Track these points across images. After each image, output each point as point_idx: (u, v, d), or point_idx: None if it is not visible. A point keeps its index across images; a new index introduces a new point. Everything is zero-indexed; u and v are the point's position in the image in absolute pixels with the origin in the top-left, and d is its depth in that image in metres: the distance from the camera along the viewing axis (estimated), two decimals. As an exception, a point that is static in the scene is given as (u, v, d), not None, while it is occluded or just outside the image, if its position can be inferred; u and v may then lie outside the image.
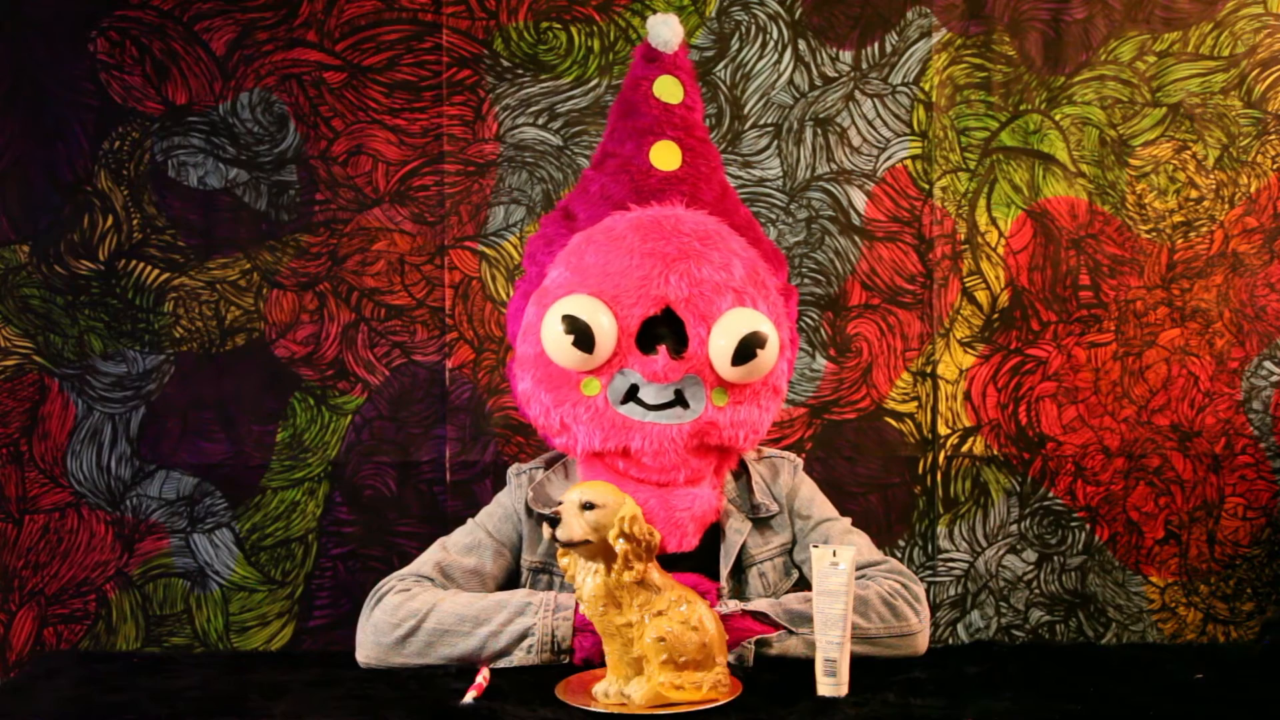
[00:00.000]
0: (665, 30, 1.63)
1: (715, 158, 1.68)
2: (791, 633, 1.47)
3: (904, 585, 1.55)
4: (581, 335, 1.51)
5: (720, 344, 1.53)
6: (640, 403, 1.55)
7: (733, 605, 1.50)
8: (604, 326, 1.52)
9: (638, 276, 1.52)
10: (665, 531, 1.56)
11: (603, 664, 1.34)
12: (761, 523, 1.66)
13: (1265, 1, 2.44)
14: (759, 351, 1.54)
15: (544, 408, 1.60)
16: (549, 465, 1.72)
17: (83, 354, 2.41)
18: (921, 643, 1.52)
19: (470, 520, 1.72)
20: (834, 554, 1.34)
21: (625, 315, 1.52)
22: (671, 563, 1.46)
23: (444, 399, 2.44)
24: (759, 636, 1.47)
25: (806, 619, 1.46)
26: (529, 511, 1.65)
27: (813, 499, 1.72)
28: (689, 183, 1.60)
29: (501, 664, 1.47)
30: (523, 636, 1.47)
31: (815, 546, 1.37)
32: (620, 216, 1.58)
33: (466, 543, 1.67)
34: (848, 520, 1.71)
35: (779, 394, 1.64)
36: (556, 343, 1.54)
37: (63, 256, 2.41)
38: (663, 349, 1.53)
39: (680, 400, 1.56)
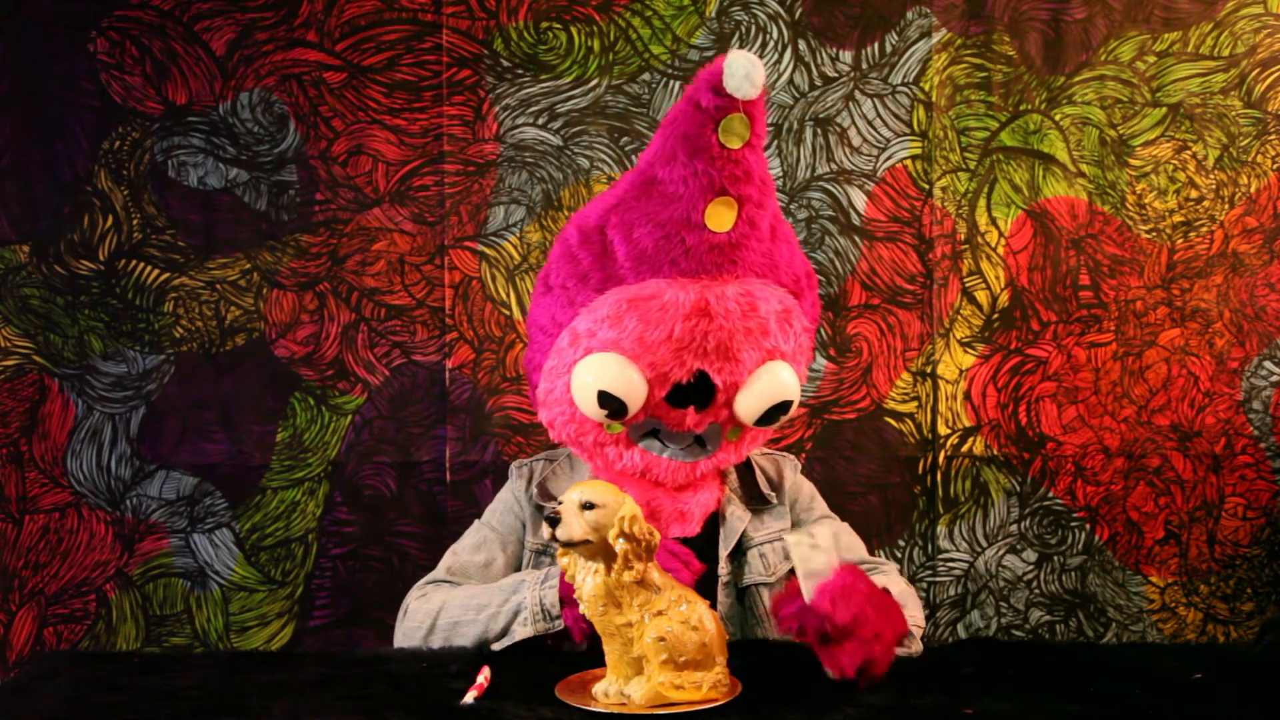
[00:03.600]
0: (746, 85, 1.45)
1: (769, 193, 1.59)
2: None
3: (907, 584, 1.69)
4: (616, 411, 1.55)
5: (748, 410, 1.57)
6: (660, 441, 1.60)
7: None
8: (637, 397, 1.54)
9: (676, 350, 1.53)
10: (671, 520, 1.61)
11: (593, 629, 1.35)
12: (759, 511, 1.72)
13: (1265, 1, 2.44)
14: (781, 417, 1.60)
15: (569, 436, 1.64)
16: (551, 460, 1.77)
17: (83, 354, 2.41)
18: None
19: (475, 522, 1.77)
20: (810, 535, 1.35)
21: (659, 381, 1.54)
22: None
23: (444, 399, 2.44)
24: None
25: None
26: (529, 499, 1.72)
27: (814, 498, 1.79)
28: (741, 248, 1.53)
29: (506, 642, 1.52)
30: (517, 612, 1.52)
31: (788, 533, 1.39)
32: (665, 289, 1.52)
33: (473, 542, 1.72)
34: (846, 524, 1.78)
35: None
36: (589, 408, 1.57)
37: (63, 256, 2.41)
38: (691, 409, 1.56)
39: (699, 440, 1.59)
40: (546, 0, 2.43)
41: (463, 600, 1.58)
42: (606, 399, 1.53)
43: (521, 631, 1.51)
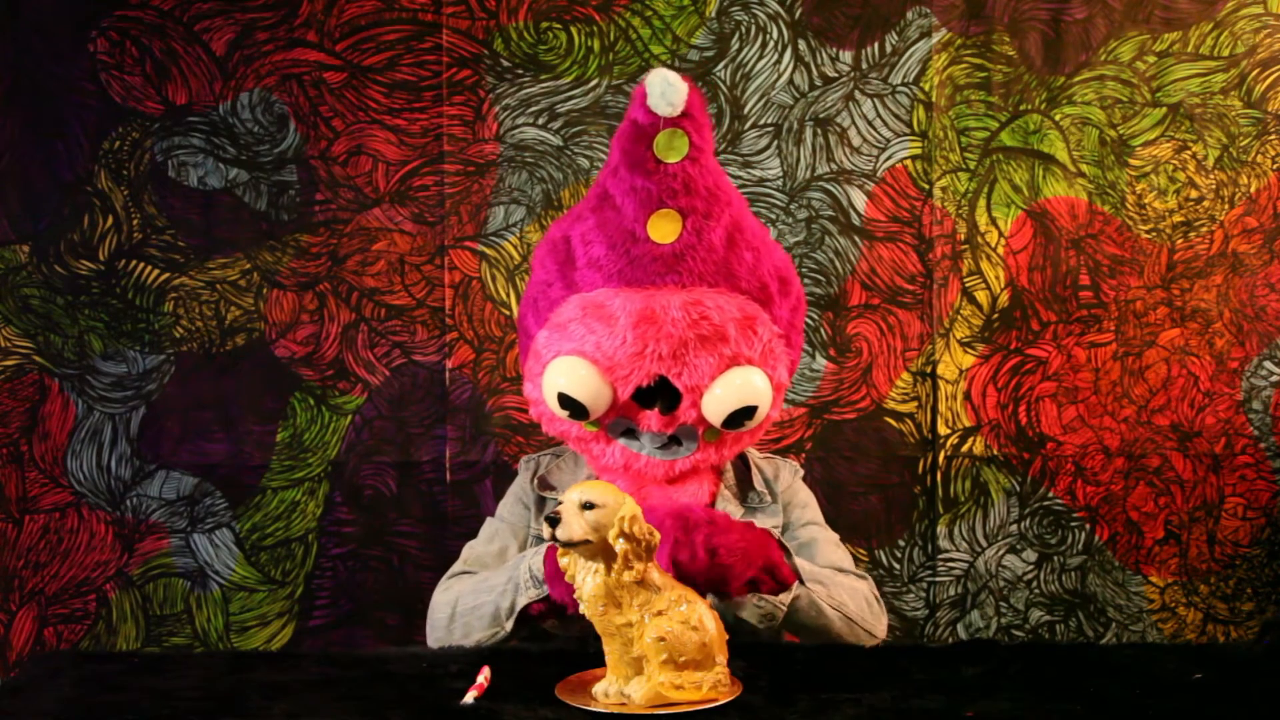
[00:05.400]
0: (662, 104, 1.53)
1: (721, 204, 1.61)
2: (801, 582, 1.57)
3: (879, 598, 1.68)
4: (576, 411, 1.59)
5: (714, 412, 1.59)
6: (637, 439, 1.63)
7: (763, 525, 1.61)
8: (597, 398, 1.58)
9: (632, 355, 1.56)
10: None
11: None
12: (753, 509, 1.73)
13: (1265, 1, 2.44)
14: (747, 421, 1.61)
15: (556, 433, 1.69)
16: (557, 455, 1.81)
17: (83, 354, 2.41)
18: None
19: (488, 518, 1.81)
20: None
21: (620, 384, 1.57)
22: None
23: (444, 399, 2.44)
24: (778, 601, 1.55)
25: (816, 580, 1.59)
26: (533, 489, 1.76)
27: (807, 506, 1.79)
28: (686, 259, 1.57)
29: (514, 615, 1.56)
30: (518, 584, 1.56)
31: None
32: (613, 297, 1.58)
33: (487, 534, 1.77)
34: (836, 536, 1.77)
35: (770, 420, 1.68)
36: (554, 408, 1.61)
37: (63, 256, 2.41)
38: (657, 410, 1.59)
39: (675, 439, 1.62)
40: (546, 0, 2.43)
41: (475, 585, 1.63)
42: (565, 400, 1.58)
43: (521, 600, 1.55)
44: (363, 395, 2.44)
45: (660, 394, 1.57)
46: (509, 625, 1.56)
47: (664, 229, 1.56)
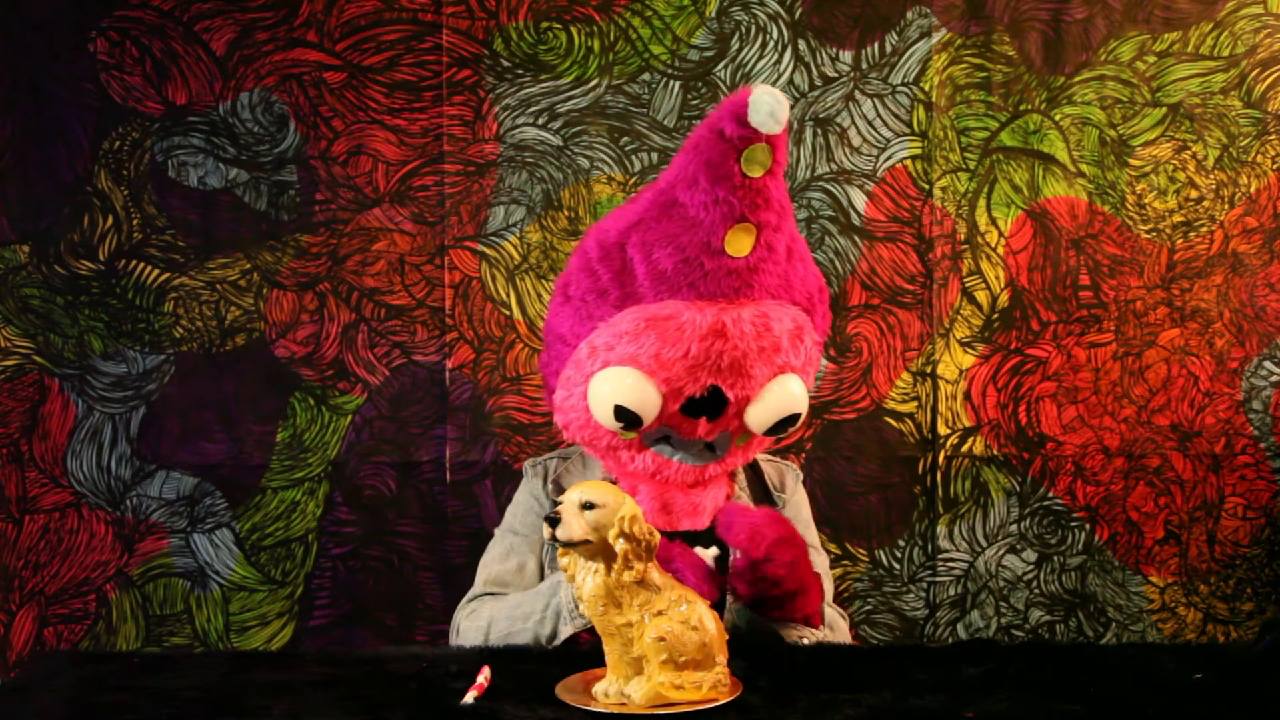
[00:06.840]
0: (770, 123, 1.47)
1: (787, 216, 1.61)
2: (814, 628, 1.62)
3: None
4: (631, 423, 1.59)
5: (759, 421, 1.61)
6: (671, 445, 1.65)
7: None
8: (651, 410, 1.58)
9: (690, 367, 1.57)
10: (683, 514, 1.66)
11: None
12: None
13: (1265, 1, 2.44)
14: (790, 427, 1.64)
15: (583, 439, 1.69)
16: (565, 458, 1.80)
17: (83, 354, 2.41)
18: None
19: (496, 530, 1.80)
20: None
21: (673, 395, 1.58)
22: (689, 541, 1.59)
23: (444, 399, 2.44)
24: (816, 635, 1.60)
25: (829, 624, 1.65)
26: (547, 495, 1.75)
27: (809, 525, 1.82)
28: (758, 272, 1.57)
29: (557, 642, 1.57)
30: (559, 613, 1.57)
31: None
32: (683, 310, 1.55)
33: (501, 551, 1.76)
34: (827, 562, 1.80)
35: None
36: (605, 419, 1.60)
37: (63, 256, 2.41)
38: (704, 419, 1.60)
39: (709, 446, 1.64)
40: (546, 0, 2.43)
41: (508, 611, 1.62)
42: (622, 412, 1.57)
43: (565, 630, 1.56)
44: (363, 395, 2.44)
45: (709, 404, 1.58)
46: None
47: (740, 243, 1.54)
